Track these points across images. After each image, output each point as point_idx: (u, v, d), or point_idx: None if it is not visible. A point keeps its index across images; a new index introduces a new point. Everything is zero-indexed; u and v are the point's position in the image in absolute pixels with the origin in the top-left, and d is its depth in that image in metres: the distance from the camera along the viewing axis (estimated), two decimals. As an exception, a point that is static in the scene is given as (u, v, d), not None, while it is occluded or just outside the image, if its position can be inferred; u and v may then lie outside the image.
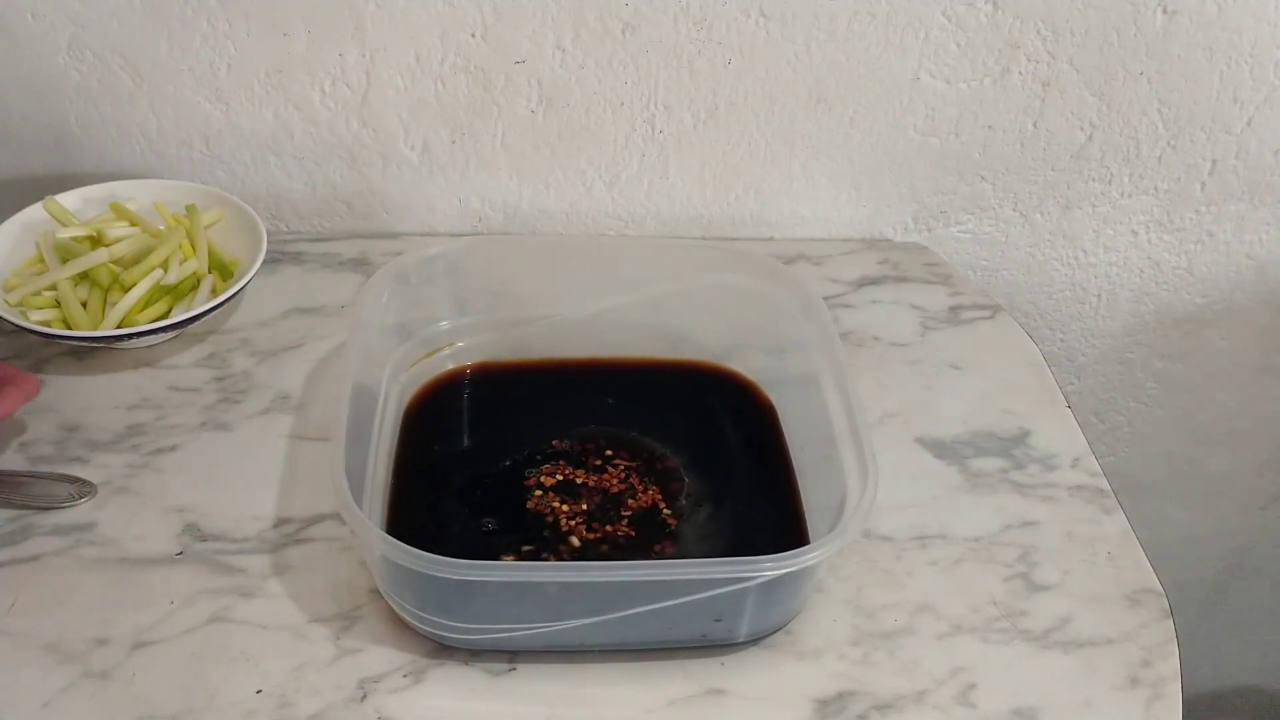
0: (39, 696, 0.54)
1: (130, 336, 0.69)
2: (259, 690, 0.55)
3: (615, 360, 0.74)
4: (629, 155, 0.84)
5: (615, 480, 0.66)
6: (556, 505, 0.64)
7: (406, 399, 0.70)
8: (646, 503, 0.65)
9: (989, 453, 0.71)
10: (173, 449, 0.67)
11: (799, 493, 0.65)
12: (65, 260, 0.72)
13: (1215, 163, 0.86)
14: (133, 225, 0.76)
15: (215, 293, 0.73)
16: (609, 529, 0.63)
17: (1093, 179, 0.87)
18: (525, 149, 0.83)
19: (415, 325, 0.71)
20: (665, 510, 0.65)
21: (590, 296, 0.72)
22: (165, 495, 0.64)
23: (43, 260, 0.74)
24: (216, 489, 0.65)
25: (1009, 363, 0.78)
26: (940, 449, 0.71)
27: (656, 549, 0.62)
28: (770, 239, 0.89)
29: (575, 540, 0.62)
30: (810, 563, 0.53)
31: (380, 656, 0.56)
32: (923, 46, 0.79)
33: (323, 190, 0.85)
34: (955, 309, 0.82)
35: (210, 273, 0.75)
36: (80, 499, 0.63)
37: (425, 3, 0.76)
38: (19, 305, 0.71)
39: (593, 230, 0.88)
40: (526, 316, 0.73)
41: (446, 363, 0.73)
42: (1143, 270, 0.93)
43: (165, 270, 0.72)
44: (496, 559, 0.60)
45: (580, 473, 0.66)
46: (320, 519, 0.63)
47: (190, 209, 0.77)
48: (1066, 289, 0.94)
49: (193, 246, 0.75)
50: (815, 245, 0.88)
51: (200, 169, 0.83)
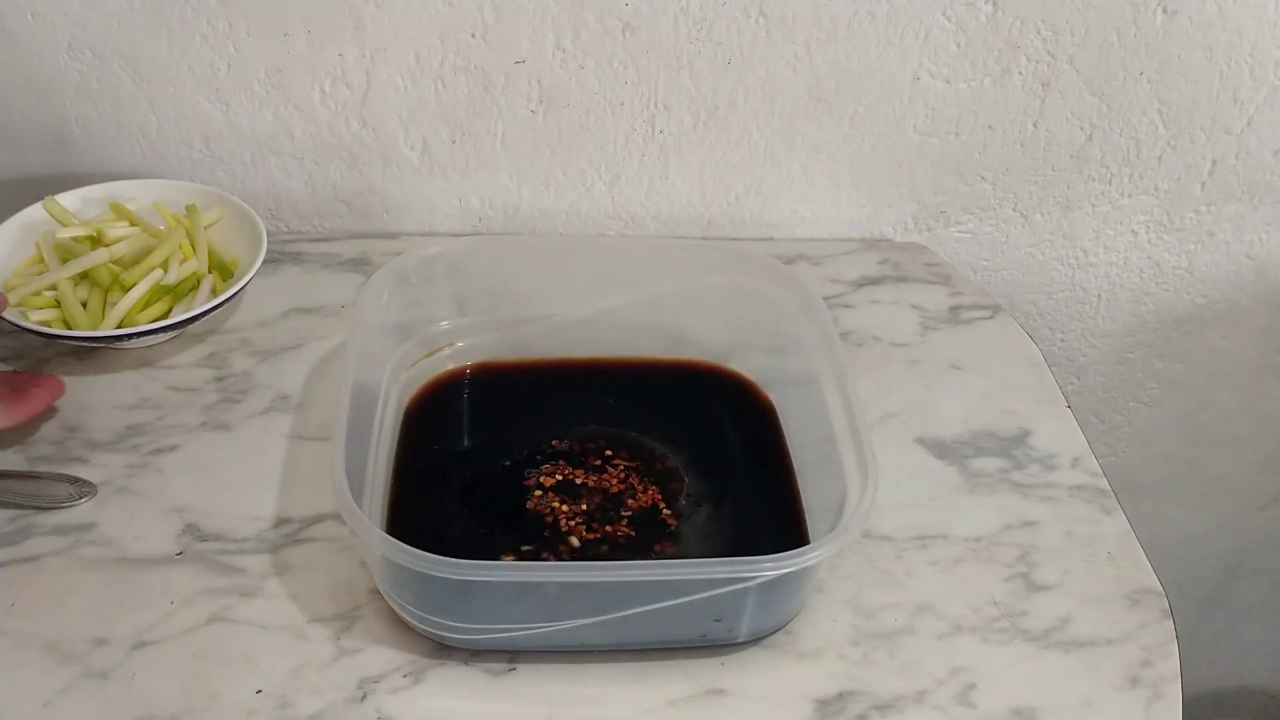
0: (39, 696, 0.54)
1: (130, 336, 0.69)
2: (259, 690, 0.55)
3: (615, 360, 0.74)
4: (629, 155, 0.84)
5: (615, 480, 0.66)
6: (556, 505, 0.64)
7: (406, 399, 0.70)
8: (646, 503, 0.65)
9: (989, 453, 0.71)
10: (173, 449, 0.67)
11: (799, 493, 0.65)
12: (65, 260, 0.72)
13: (1215, 163, 0.86)
14: (133, 225, 0.76)
15: (215, 293, 0.73)
16: (609, 529, 0.63)
17: (1093, 179, 0.87)
18: (525, 149, 0.83)
19: (415, 325, 0.71)
20: (665, 510, 0.65)
21: (590, 296, 0.72)
22: (165, 495, 0.64)
23: (43, 260, 0.74)
24: (216, 489, 0.65)
25: (1009, 363, 0.78)
26: (940, 449, 0.71)
27: (656, 549, 0.62)
28: (770, 239, 0.89)
29: (575, 540, 0.62)
30: (810, 563, 0.53)
31: (380, 656, 0.56)
32: (923, 46, 0.79)
33: (323, 190, 0.85)
34: (955, 309, 0.82)
35: (210, 273, 0.75)
36: (80, 499, 0.63)
37: (425, 3, 0.76)
38: (19, 305, 0.71)
39: (593, 230, 0.88)
40: (526, 316, 0.73)
41: (446, 363, 0.73)
42: (1143, 270, 0.93)
43: (165, 270, 0.72)
44: (496, 559, 0.60)
45: (580, 473, 0.66)
46: (320, 519, 0.63)
47: (190, 209, 0.77)
48: (1066, 289, 0.94)
49: (193, 246, 0.75)
50: (815, 245, 0.88)
51: (200, 169, 0.83)
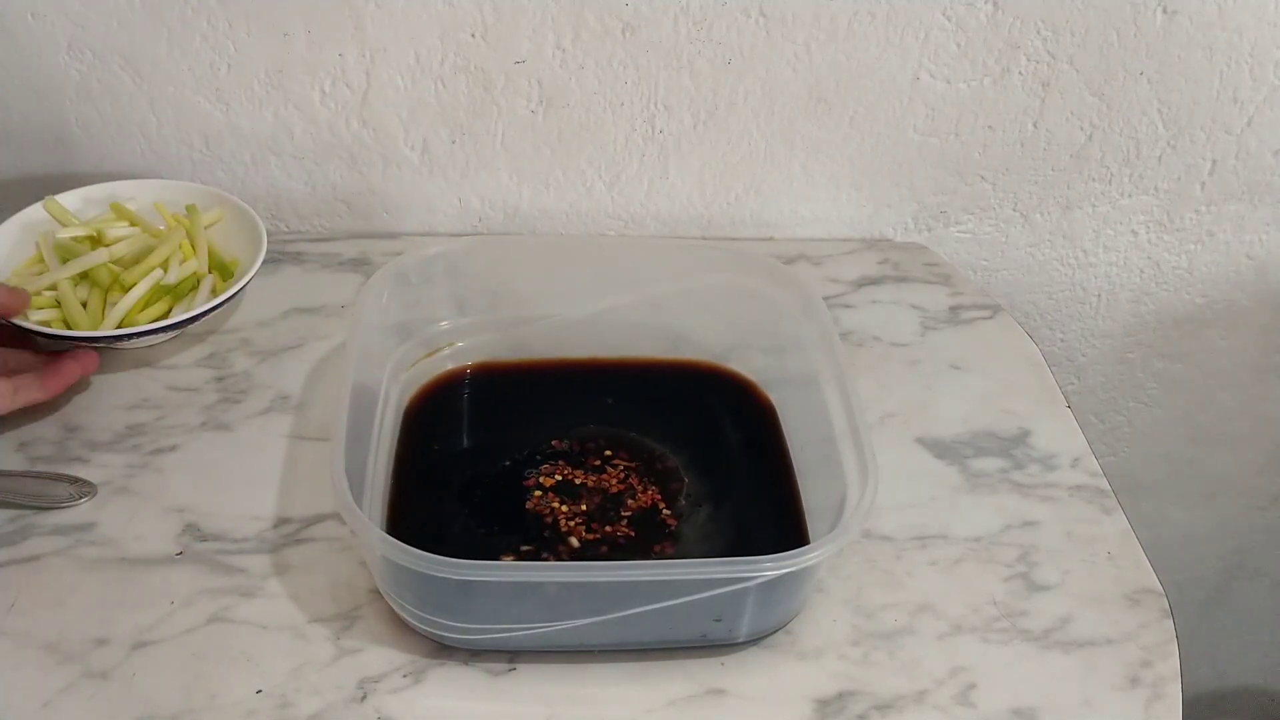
0: (39, 696, 0.54)
1: (131, 336, 0.69)
2: (259, 690, 0.55)
3: (615, 360, 0.74)
4: (629, 155, 0.84)
5: (615, 480, 0.66)
6: (556, 505, 0.64)
7: (406, 399, 0.70)
8: (646, 503, 0.65)
9: (989, 453, 0.71)
10: (173, 449, 0.67)
11: (799, 493, 0.65)
12: (65, 260, 0.72)
13: (1215, 163, 0.86)
14: (133, 225, 0.76)
15: (215, 293, 0.73)
16: (608, 529, 0.63)
17: (1093, 179, 0.87)
18: (525, 149, 0.83)
19: (415, 325, 0.71)
20: (665, 510, 0.64)
21: (590, 296, 0.72)
22: (165, 495, 0.64)
23: (43, 261, 0.74)
24: (216, 489, 0.65)
25: (1009, 363, 0.78)
26: (940, 449, 0.71)
27: (656, 549, 0.62)
28: (770, 239, 0.89)
29: (575, 541, 0.62)
30: (810, 563, 0.53)
31: (380, 656, 0.56)
32: (923, 46, 0.79)
33: (323, 190, 0.85)
34: (955, 309, 0.82)
35: (210, 273, 0.75)
36: (80, 499, 0.63)
37: (425, 3, 0.76)
38: None
39: (593, 230, 0.88)
40: (526, 316, 0.73)
41: (446, 363, 0.73)
42: (1143, 270, 0.93)
43: (165, 270, 0.72)
44: (496, 559, 0.60)
45: (580, 473, 0.66)
46: (320, 519, 0.63)
47: (190, 209, 0.76)
48: (1066, 289, 0.94)
49: (193, 246, 0.75)
50: (815, 245, 0.88)
51: (200, 169, 0.83)
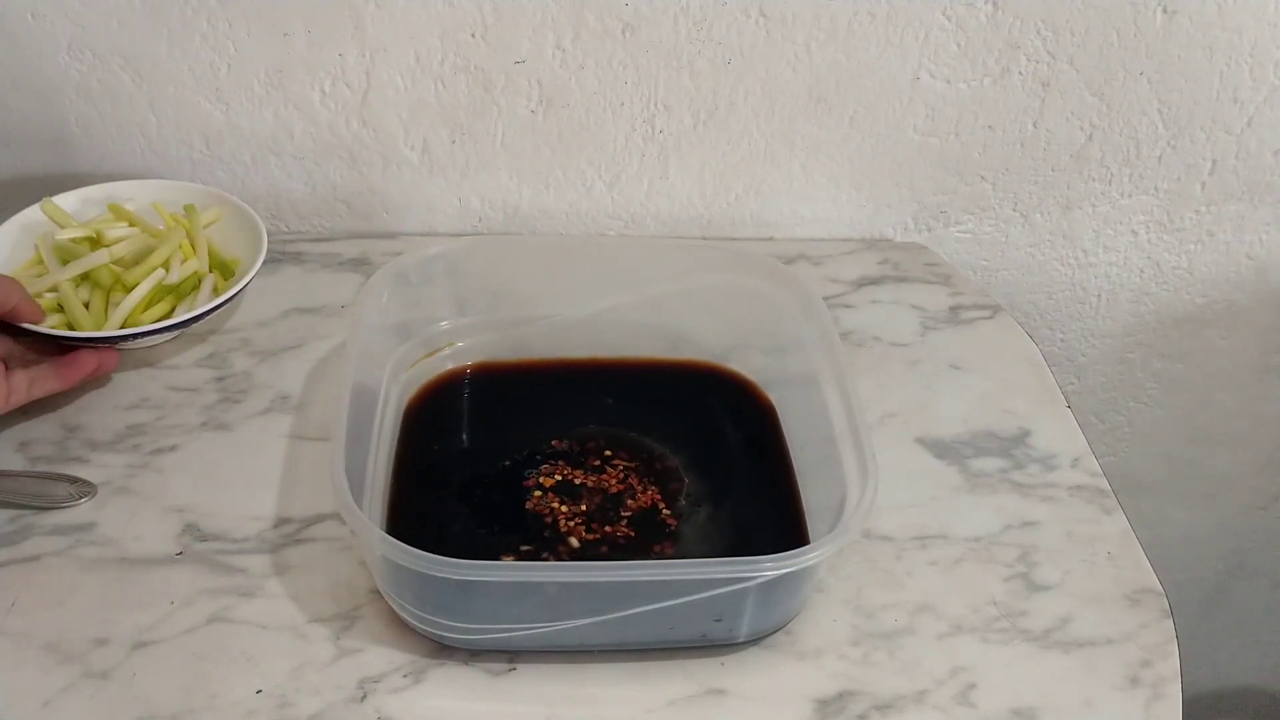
0: (39, 696, 0.54)
1: (136, 336, 0.69)
2: (259, 690, 0.55)
3: (615, 360, 0.74)
4: (629, 155, 0.84)
5: (614, 480, 0.66)
6: (556, 506, 0.64)
7: (406, 399, 0.70)
8: (646, 503, 0.65)
9: (989, 453, 0.71)
10: (173, 449, 0.67)
11: (799, 493, 0.65)
12: (65, 262, 0.72)
13: (1215, 163, 0.86)
14: (131, 225, 0.76)
15: (217, 292, 0.73)
16: (608, 529, 0.63)
17: (1093, 179, 0.87)
18: (525, 149, 0.83)
19: (415, 325, 0.71)
20: (665, 510, 0.64)
21: (590, 296, 0.72)
22: (165, 495, 0.64)
23: (42, 262, 0.74)
24: (216, 489, 0.65)
25: (1009, 363, 0.78)
26: (940, 449, 0.71)
27: (656, 549, 0.62)
28: (770, 239, 0.89)
29: (574, 541, 0.62)
30: (810, 563, 0.53)
31: (380, 656, 0.56)
32: (923, 46, 0.79)
33: (323, 190, 0.85)
34: (955, 309, 0.82)
35: (211, 272, 0.74)
36: (80, 499, 0.63)
37: (425, 3, 0.76)
38: None
39: (593, 230, 0.88)
40: (526, 316, 0.73)
41: (446, 363, 0.73)
42: (1143, 270, 0.93)
43: (167, 270, 0.72)
44: (496, 559, 0.60)
45: (579, 473, 0.66)
46: (320, 519, 0.63)
47: (188, 209, 0.76)
48: (1066, 289, 0.94)
49: (193, 246, 0.75)
50: (815, 245, 0.88)
51: (200, 169, 0.83)
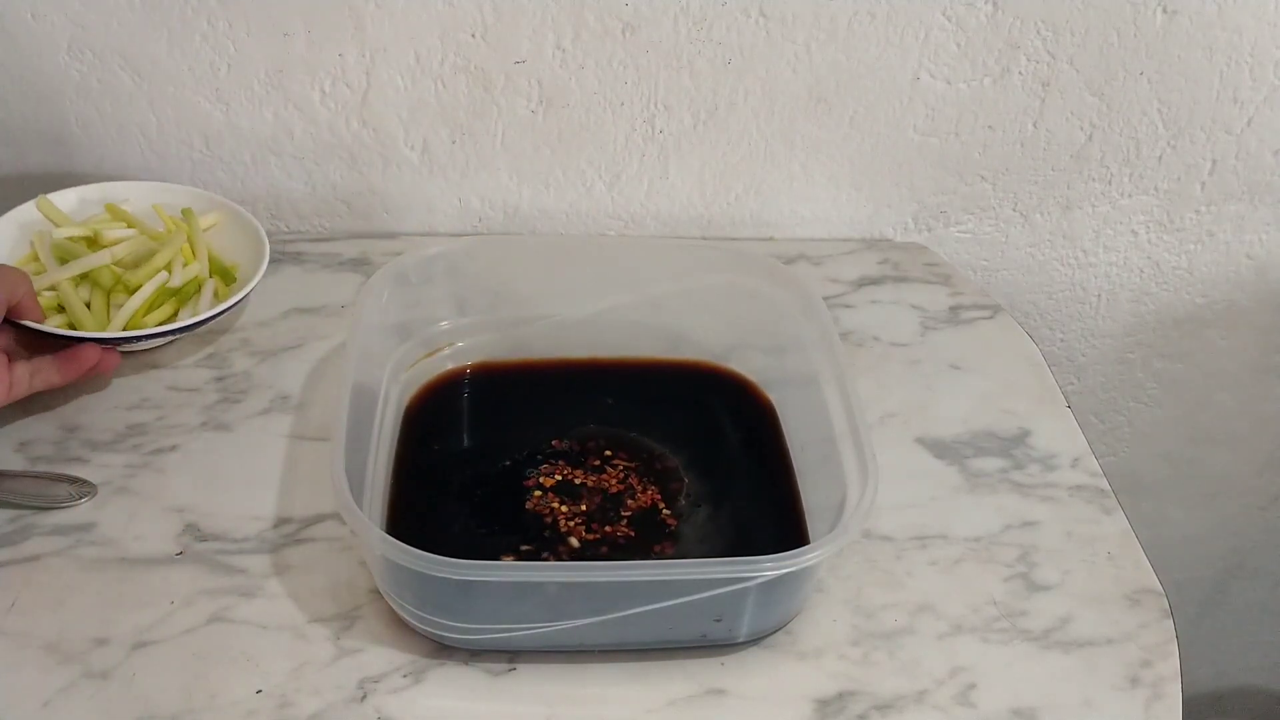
0: (39, 696, 0.54)
1: (140, 339, 0.69)
2: (259, 690, 0.55)
3: (615, 360, 0.74)
4: (629, 155, 0.84)
5: (614, 480, 0.66)
6: (556, 506, 0.64)
7: (406, 399, 0.70)
8: (646, 503, 0.65)
9: (989, 453, 0.71)
10: (173, 449, 0.67)
11: (799, 493, 0.65)
12: (62, 260, 0.72)
13: (1215, 163, 0.86)
14: (129, 226, 0.75)
15: (218, 297, 0.73)
16: (608, 529, 0.63)
17: (1093, 179, 0.87)
18: (525, 149, 0.83)
19: (415, 325, 0.71)
20: (665, 510, 0.64)
21: (590, 296, 0.72)
22: (165, 495, 0.64)
23: (38, 259, 0.73)
24: (216, 489, 0.65)
25: (1009, 363, 0.78)
26: (940, 449, 0.71)
27: (656, 549, 0.62)
28: (770, 239, 0.89)
29: (575, 541, 0.62)
30: (810, 563, 0.53)
31: (380, 656, 0.56)
32: (923, 46, 0.79)
33: (323, 190, 0.85)
34: (955, 309, 0.82)
35: (211, 277, 0.74)
36: (80, 499, 0.63)
37: (425, 3, 0.76)
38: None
39: (593, 230, 0.88)
40: (526, 316, 0.73)
41: (446, 363, 0.73)
42: (1143, 270, 0.93)
43: (169, 273, 0.72)
44: (496, 559, 0.60)
45: (579, 473, 0.66)
46: (320, 519, 0.63)
47: (186, 212, 0.76)
48: (1066, 289, 0.94)
49: (193, 250, 0.74)
50: (815, 245, 0.88)
51: (200, 169, 0.83)
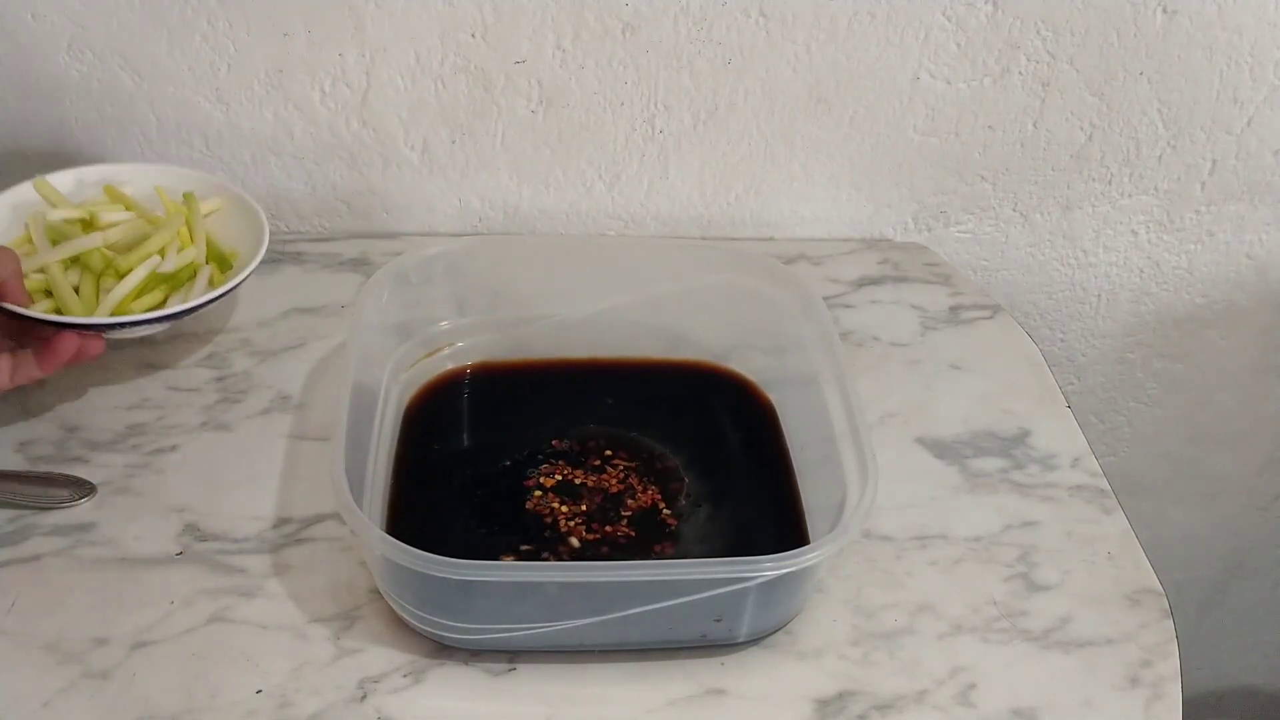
0: (39, 696, 0.54)
1: (125, 325, 0.66)
2: (259, 690, 0.55)
3: (615, 360, 0.74)
4: (629, 155, 0.84)
5: (615, 480, 0.66)
6: (556, 506, 0.64)
7: (406, 399, 0.70)
8: (646, 503, 0.65)
9: (989, 453, 0.71)
10: (173, 449, 0.67)
11: (799, 493, 0.65)
12: (56, 243, 0.69)
13: (1215, 163, 0.86)
14: (127, 209, 0.72)
15: (213, 285, 0.70)
16: (609, 529, 0.63)
17: (1093, 179, 0.87)
18: (525, 149, 0.83)
19: (415, 325, 0.71)
20: (665, 510, 0.64)
21: (590, 296, 0.72)
22: (165, 495, 0.64)
23: (31, 241, 0.70)
24: (216, 489, 0.65)
25: (1009, 363, 0.78)
26: (940, 449, 0.71)
27: (656, 549, 0.62)
28: (770, 239, 0.89)
29: (575, 541, 0.62)
30: (810, 563, 0.53)
31: (380, 656, 0.56)
32: (923, 46, 0.79)
33: (323, 190, 0.85)
34: (955, 309, 0.82)
35: (208, 263, 0.72)
36: (80, 499, 0.63)
37: (425, 3, 0.76)
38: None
39: (593, 230, 0.88)
40: (526, 316, 0.73)
41: (446, 363, 0.73)
42: (1143, 270, 0.93)
43: (162, 257, 0.69)
44: (496, 559, 0.60)
45: (580, 473, 0.66)
46: (320, 519, 0.63)
47: (187, 196, 0.73)
48: (1066, 289, 0.94)
49: (191, 235, 0.72)
50: (815, 245, 0.88)
51: (200, 169, 0.83)
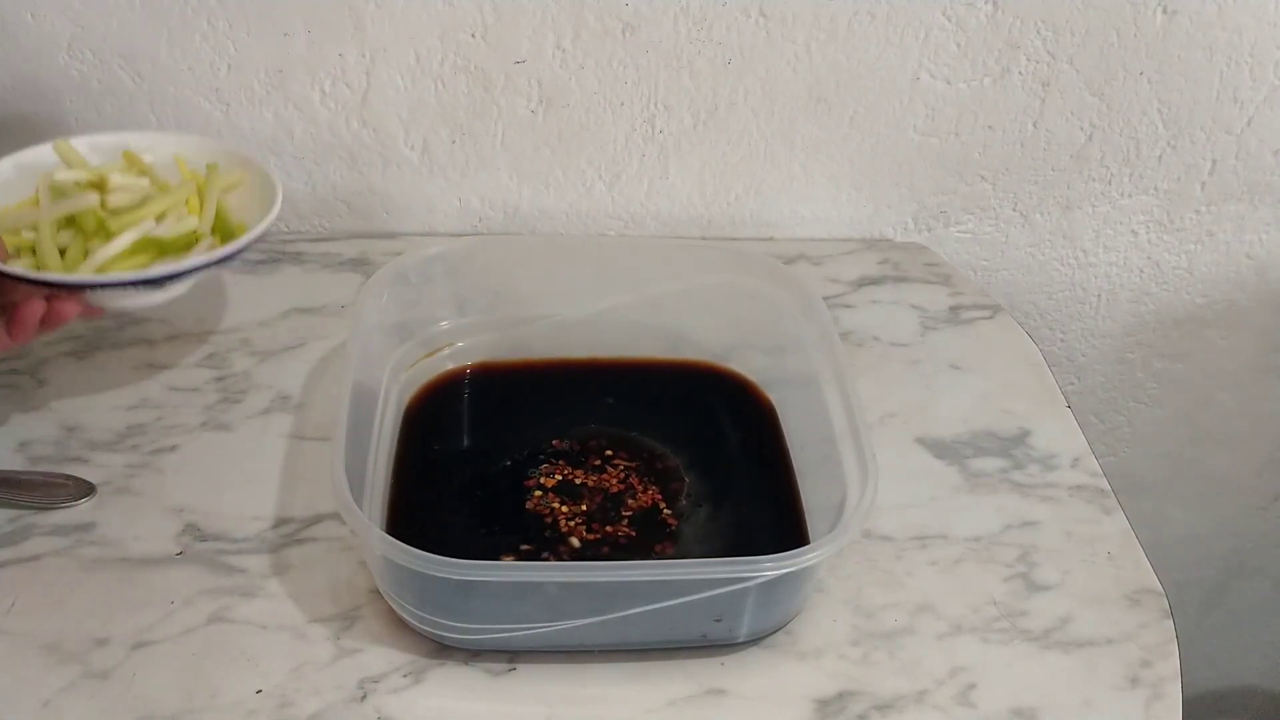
0: (39, 696, 0.54)
1: (98, 286, 0.60)
2: (259, 690, 0.55)
3: (615, 360, 0.74)
4: (629, 155, 0.84)
5: (615, 480, 0.66)
6: (556, 506, 0.64)
7: (406, 399, 0.70)
8: (646, 503, 0.65)
9: (989, 453, 0.71)
10: (173, 449, 0.67)
11: (799, 493, 0.65)
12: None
13: (1215, 163, 0.86)
14: (142, 175, 0.69)
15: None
16: (609, 529, 0.63)
17: (1093, 179, 0.87)
18: (525, 149, 0.83)
19: (415, 325, 0.71)
20: (665, 510, 0.64)
21: (590, 296, 0.72)
22: (165, 495, 0.64)
23: (38, 203, 0.66)
24: (216, 489, 0.65)
25: (1009, 363, 0.78)
26: (940, 449, 0.71)
27: (656, 549, 0.62)
28: (770, 239, 0.89)
29: (575, 541, 0.62)
30: (810, 563, 0.53)
31: (380, 656, 0.56)
32: (923, 46, 0.79)
33: (323, 190, 0.85)
34: (955, 309, 0.82)
35: (213, 235, 0.66)
36: (80, 499, 0.63)
37: (425, 3, 0.76)
38: None
39: (593, 230, 0.88)
40: (526, 316, 0.73)
41: (446, 363, 0.73)
42: (1143, 270, 0.93)
43: (158, 222, 0.65)
44: (496, 559, 0.60)
45: (580, 473, 0.66)
46: (320, 519, 0.63)
47: (211, 167, 0.69)
48: (1066, 289, 0.94)
49: (200, 204, 0.67)
50: (815, 245, 0.88)
51: (200, 169, 0.83)
